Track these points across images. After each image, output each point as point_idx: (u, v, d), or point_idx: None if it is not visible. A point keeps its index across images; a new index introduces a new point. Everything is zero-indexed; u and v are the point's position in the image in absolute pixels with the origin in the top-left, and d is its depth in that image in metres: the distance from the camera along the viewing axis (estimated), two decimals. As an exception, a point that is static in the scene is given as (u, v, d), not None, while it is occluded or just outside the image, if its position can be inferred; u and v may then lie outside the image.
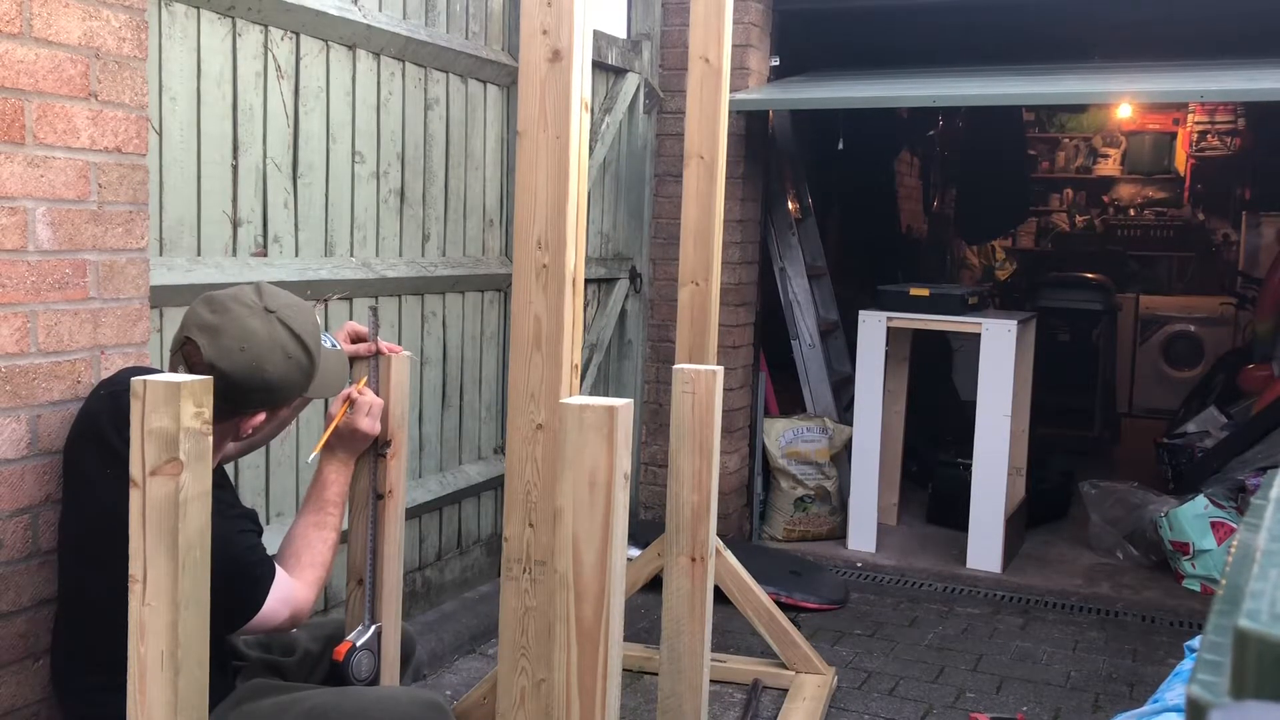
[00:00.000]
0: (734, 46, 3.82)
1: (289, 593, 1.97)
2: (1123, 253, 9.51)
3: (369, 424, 2.11)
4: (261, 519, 2.92)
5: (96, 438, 1.92)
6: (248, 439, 2.03)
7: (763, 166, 4.98)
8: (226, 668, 2.08)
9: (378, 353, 2.19)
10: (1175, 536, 4.58)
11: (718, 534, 2.93)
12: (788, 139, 5.42)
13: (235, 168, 2.82)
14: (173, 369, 1.90)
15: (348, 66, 3.16)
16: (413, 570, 3.60)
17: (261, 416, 1.95)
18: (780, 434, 4.95)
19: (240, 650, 2.17)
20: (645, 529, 4.29)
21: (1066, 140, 10.28)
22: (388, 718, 1.95)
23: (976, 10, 5.05)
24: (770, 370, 5.20)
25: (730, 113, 3.47)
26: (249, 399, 1.90)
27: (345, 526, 2.16)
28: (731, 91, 3.56)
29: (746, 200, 4.80)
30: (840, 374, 5.58)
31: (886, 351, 4.82)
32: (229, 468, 2.78)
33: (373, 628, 2.19)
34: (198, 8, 2.67)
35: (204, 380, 1.52)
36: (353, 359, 2.17)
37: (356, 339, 2.19)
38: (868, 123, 5.92)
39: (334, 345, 2.07)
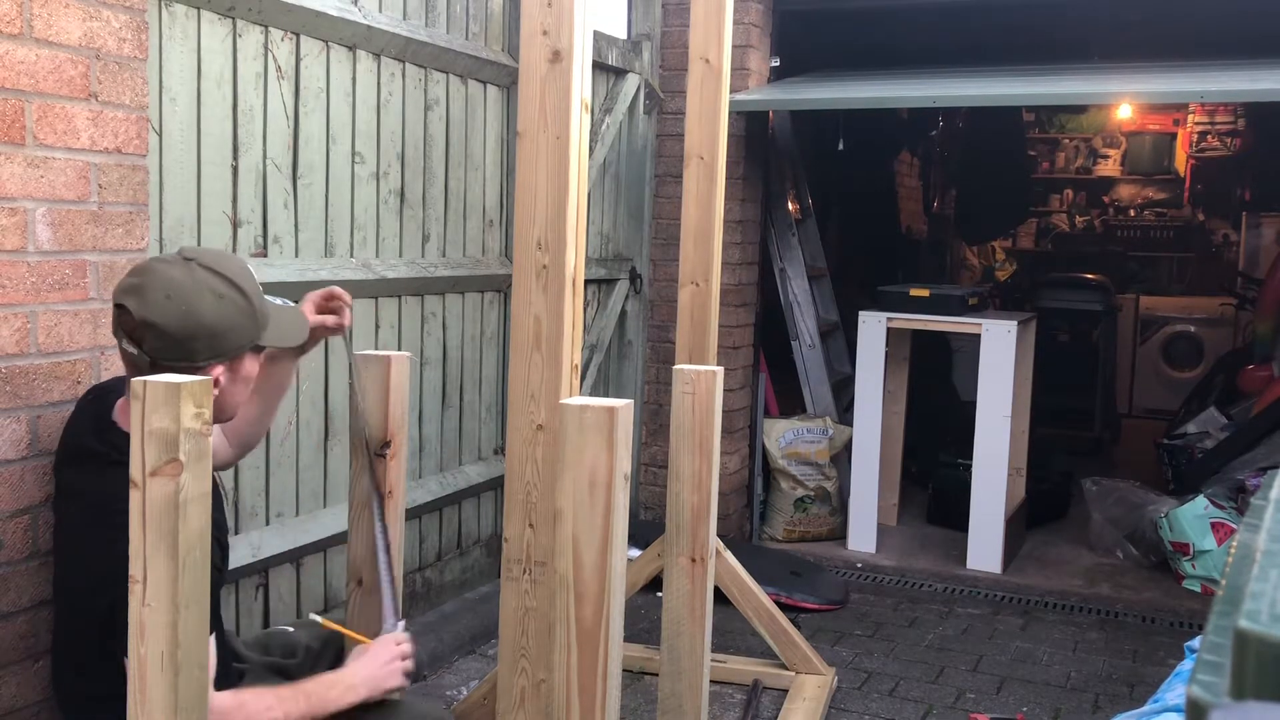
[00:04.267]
0: (734, 47, 3.82)
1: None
2: (1123, 253, 9.51)
3: (399, 681, 2.02)
4: (261, 519, 2.94)
5: (78, 451, 1.90)
6: (223, 408, 1.88)
7: (763, 167, 4.98)
8: (228, 670, 2.07)
9: (350, 334, 2.15)
10: (1175, 537, 4.58)
11: (718, 534, 2.93)
12: (788, 139, 5.42)
13: (235, 168, 2.82)
14: (117, 344, 1.83)
15: (348, 67, 3.16)
16: (413, 571, 3.60)
17: (220, 370, 1.82)
18: (780, 434, 4.95)
19: (241, 652, 2.17)
20: (645, 529, 4.28)
21: (1066, 141, 10.28)
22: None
23: (976, 10, 5.05)
24: (770, 370, 5.20)
25: (730, 113, 3.47)
26: (194, 348, 1.78)
27: (346, 527, 2.15)
28: (731, 92, 3.56)
29: (746, 201, 4.80)
30: (840, 374, 5.58)
31: (886, 352, 4.83)
32: (228, 475, 2.77)
33: (399, 624, 2.11)
34: (198, 8, 2.67)
35: (204, 381, 1.52)
36: (320, 331, 2.12)
37: (323, 310, 2.13)
38: (868, 123, 5.92)
39: (285, 303, 2.00)
